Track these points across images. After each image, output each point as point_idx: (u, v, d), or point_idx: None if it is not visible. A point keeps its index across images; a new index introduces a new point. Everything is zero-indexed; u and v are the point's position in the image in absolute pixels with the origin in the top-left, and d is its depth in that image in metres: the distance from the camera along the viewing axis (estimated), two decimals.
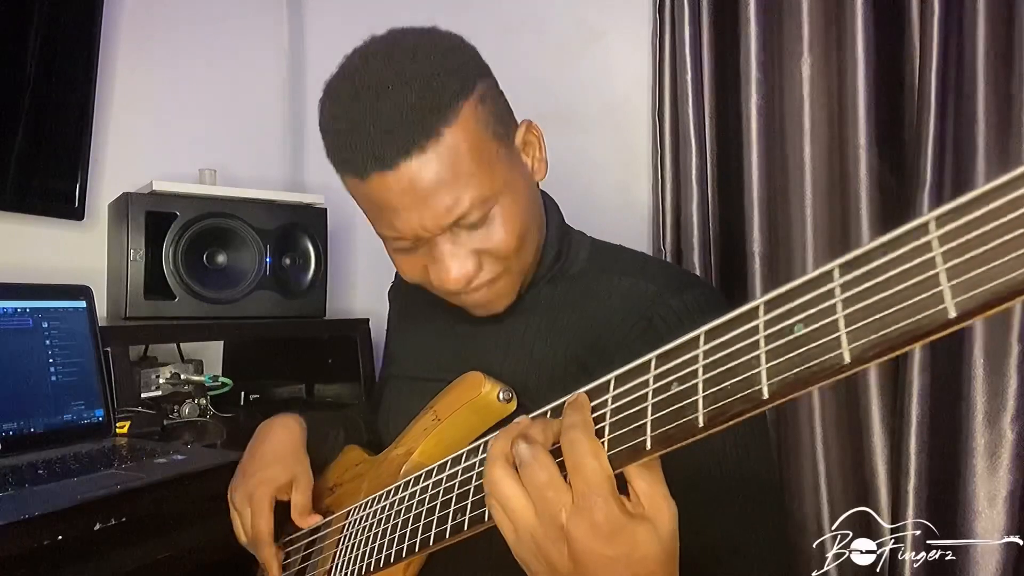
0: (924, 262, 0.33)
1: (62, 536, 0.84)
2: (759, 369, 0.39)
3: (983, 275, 0.31)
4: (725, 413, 0.40)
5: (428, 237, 0.69)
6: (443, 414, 0.70)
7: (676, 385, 0.43)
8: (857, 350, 0.35)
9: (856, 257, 0.36)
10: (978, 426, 1.29)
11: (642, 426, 0.44)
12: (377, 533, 0.66)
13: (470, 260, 0.70)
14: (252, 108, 2.02)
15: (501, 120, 0.72)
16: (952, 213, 0.32)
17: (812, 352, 0.36)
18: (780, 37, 1.48)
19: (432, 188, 0.66)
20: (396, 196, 0.66)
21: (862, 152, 1.38)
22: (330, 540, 0.76)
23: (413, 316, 0.92)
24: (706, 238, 1.55)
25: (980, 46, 1.27)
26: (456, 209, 0.67)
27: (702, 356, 0.42)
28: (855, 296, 0.35)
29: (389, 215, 0.68)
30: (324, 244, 1.66)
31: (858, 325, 0.35)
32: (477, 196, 0.67)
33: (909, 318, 0.33)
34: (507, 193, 0.70)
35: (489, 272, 0.72)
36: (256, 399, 1.65)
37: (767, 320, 0.39)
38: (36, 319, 1.19)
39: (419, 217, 0.67)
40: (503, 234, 0.70)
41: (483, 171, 0.67)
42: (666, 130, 1.59)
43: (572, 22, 1.72)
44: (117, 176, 1.66)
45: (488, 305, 0.75)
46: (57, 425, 1.18)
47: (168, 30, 1.82)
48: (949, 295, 0.32)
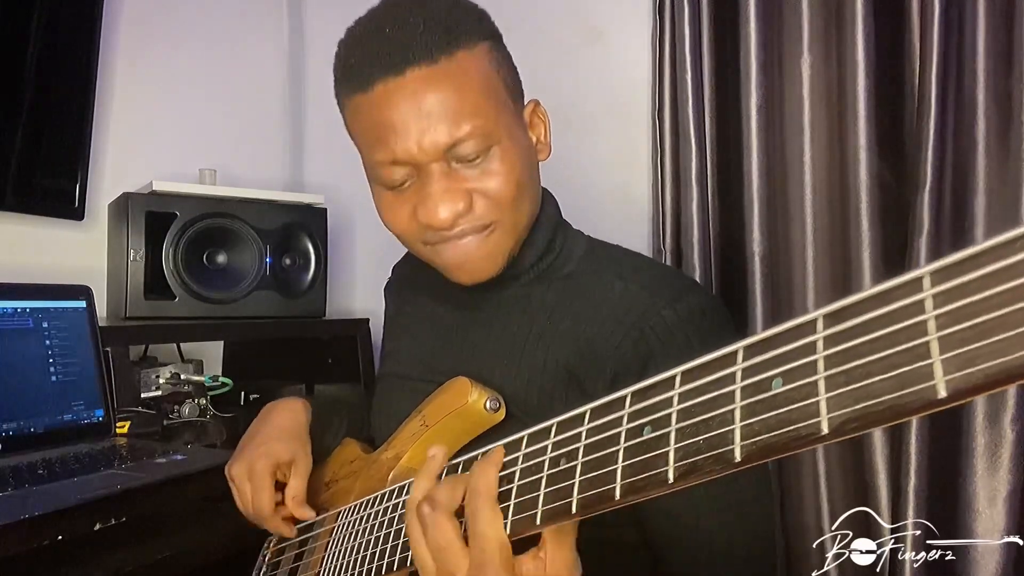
0: (915, 325, 0.29)
1: (62, 536, 0.84)
2: (733, 427, 0.35)
3: (981, 351, 0.27)
4: (696, 471, 0.37)
5: (422, 164, 0.67)
6: (431, 420, 0.69)
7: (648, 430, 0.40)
8: (836, 420, 0.31)
9: (843, 308, 0.32)
10: (978, 426, 1.29)
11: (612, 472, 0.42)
12: (361, 544, 0.66)
13: (461, 197, 0.68)
14: (252, 108, 2.02)
15: (513, 82, 0.73)
16: (950, 269, 0.29)
17: (789, 415, 0.33)
18: (780, 37, 1.48)
19: (436, 105, 0.65)
20: (398, 108, 0.65)
21: (862, 152, 1.38)
22: (320, 542, 0.76)
23: (407, 315, 0.91)
24: (706, 238, 1.55)
25: (980, 46, 1.27)
26: (456, 132, 0.65)
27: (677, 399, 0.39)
28: (839, 355, 0.32)
29: (388, 135, 0.66)
30: (324, 244, 1.66)
31: (840, 391, 0.31)
32: (480, 126, 0.66)
33: (894, 391, 0.29)
34: (508, 139, 0.69)
35: (480, 217, 0.69)
36: (256, 399, 1.65)
37: (745, 368, 0.36)
38: (36, 319, 1.19)
39: (417, 134, 0.65)
40: (500, 176, 0.68)
41: (489, 106, 0.67)
42: (666, 130, 1.59)
43: (572, 22, 1.72)
44: (117, 176, 1.66)
45: (471, 262, 0.72)
46: (57, 425, 1.18)
47: (168, 30, 1.82)
48: (940, 370, 0.28)
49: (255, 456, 0.79)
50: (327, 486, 0.84)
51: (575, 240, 0.80)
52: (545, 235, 0.77)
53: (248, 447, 0.82)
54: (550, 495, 0.45)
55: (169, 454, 1.09)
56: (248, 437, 0.85)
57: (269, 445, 0.80)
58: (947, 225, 1.31)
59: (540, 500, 0.46)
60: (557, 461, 0.46)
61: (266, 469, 0.78)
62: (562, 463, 0.45)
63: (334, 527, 0.74)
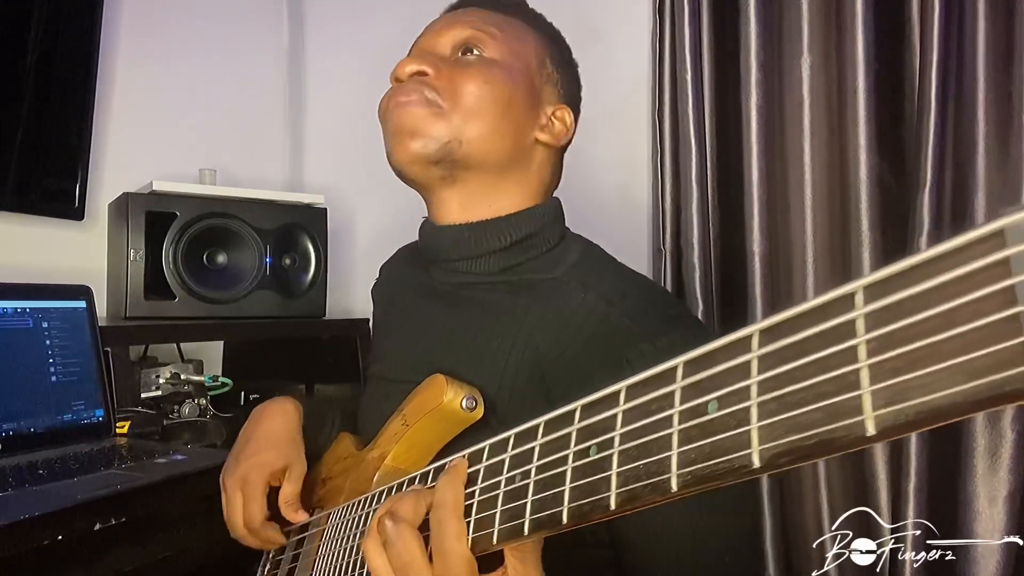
0: (846, 350, 0.26)
1: (62, 536, 0.84)
2: (670, 453, 0.33)
3: (912, 384, 0.24)
4: (636, 499, 0.35)
5: (429, 51, 0.76)
6: (411, 419, 0.68)
7: (594, 451, 0.38)
8: (767, 453, 0.28)
9: (777, 324, 0.29)
10: (978, 426, 1.29)
11: (559, 494, 0.40)
12: (345, 549, 0.66)
13: (430, 63, 0.74)
14: (252, 108, 2.02)
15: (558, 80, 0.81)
16: (885, 283, 0.25)
17: (722, 444, 0.30)
18: (780, 37, 1.48)
19: (473, 18, 0.76)
20: (443, 17, 0.78)
21: (862, 152, 1.38)
22: (314, 543, 0.76)
23: (393, 315, 0.90)
24: (706, 238, 1.55)
25: (980, 46, 1.27)
26: (471, 33, 0.75)
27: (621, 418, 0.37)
28: (772, 379, 0.29)
29: (420, 38, 0.78)
30: (324, 244, 1.66)
31: (771, 420, 0.29)
32: (495, 43, 0.75)
33: (823, 425, 0.27)
34: (507, 76, 0.75)
35: (432, 86, 0.73)
36: (256, 399, 1.65)
37: (684, 387, 0.33)
38: (36, 319, 1.19)
39: (443, 29, 0.76)
40: (476, 79, 0.73)
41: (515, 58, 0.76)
42: (666, 130, 1.59)
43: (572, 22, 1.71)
44: (117, 176, 1.66)
45: (404, 126, 0.74)
46: (57, 425, 1.18)
47: (168, 30, 1.82)
48: (869, 404, 0.25)
49: (249, 466, 0.78)
50: (323, 483, 0.84)
51: (570, 244, 0.78)
52: (531, 223, 0.76)
53: (242, 455, 0.81)
54: (506, 513, 0.43)
55: (169, 454, 1.08)
56: (241, 443, 0.83)
57: (261, 455, 0.79)
58: (947, 225, 1.31)
59: (497, 518, 0.44)
60: (513, 478, 0.44)
61: (259, 481, 0.77)
62: (518, 480, 0.43)
63: (324, 530, 0.74)
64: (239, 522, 0.79)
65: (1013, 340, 0.22)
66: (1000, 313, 0.22)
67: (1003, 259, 0.22)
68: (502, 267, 0.76)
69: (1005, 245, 0.22)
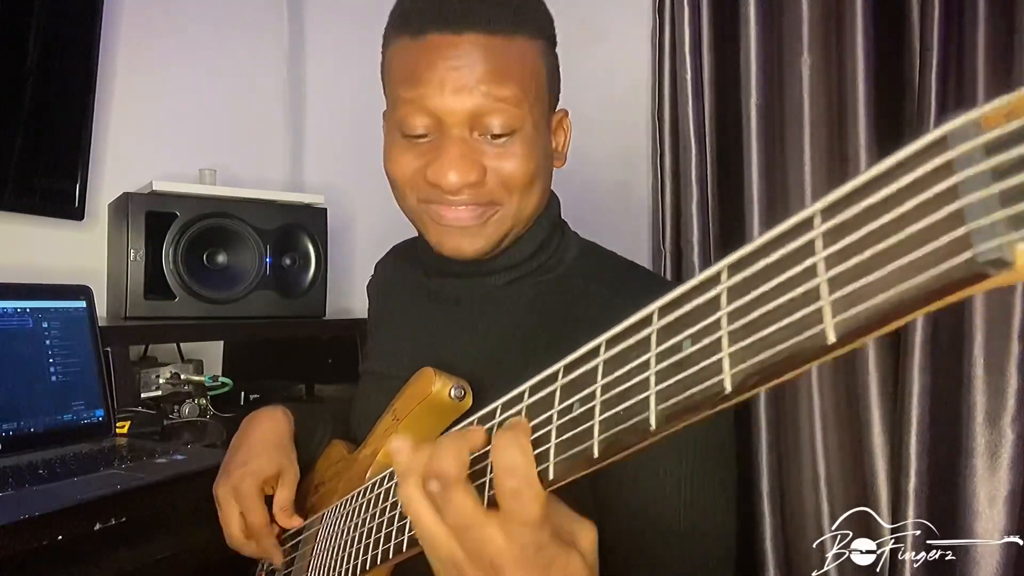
0: (807, 268, 0.28)
1: (62, 536, 0.84)
2: (648, 393, 0.34)
3: (866, 289, 0.26)
4: (617, 443, 0.36)
5: (447, 124, 0.67)
6: (401, 413, 0.68)
7: (577, 406, 0.39)
8: (738, 377, 0.30)
9: (743, 257, 0.31)
10: (978, 426, 1.29)
11: (546, 451, 0.40)
12: (344, 542, 0.66)
13: (475, 168, 0.68)
14: (252, 108, 2.02)
15: (554, 87, 0.75)
16: (838, 204, 0.27)
17: (695, 376, 0.32)
18: (780, 37, 1.48)
19: (481, 69, 0.66)
20: (443, 59, 0.66)
21: (862, 152, 1.38)
22: (308, 545, 0.76)
23: (389, 312, 0.90)
24: (706, 238, 1.55)
25: (980, 46, 1.27)
26: (490, 102, 0.66)
27: (601, 369, 0.38)
28: (740, 308, 0.30)
29: (424, 77, 0.67)
30: (324, 244, 1.66)
31: (740, 345, 0.30)
32: (514, 104, 0.67)
33: (787, 340, 0.28)
34: (534, 131, 0.70)
35: (487, 194, 0.69)
36: (256, 399, 1.65)
37: (659, 330, 0.34)
38: (36, 319, 1.19)
39: (453, 90, 0.66)
40: (518, 160, 0.69)
41: (528, 94, 0.69)
42: (666, 130, 1.59)
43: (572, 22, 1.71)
44: (117, 176, 1.66)
45: (461, 234, 0.71)
46: (57, 425, 1.17)
47: (168, 30, 1.82)
48: (829, 313, 0.27)
49: (240, 475, 0.77)
50: (316, 489, 0.83)
51: (569, 242, 0.79)
52: (541, 233, 0.77)
53: (232, 464, 0.80)
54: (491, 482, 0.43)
55: (169, 454, 1.08)
56: (231, 452, 0.83)
57: (252, 464, 0.78)
58: None
59: (486, 486, 0.44)
60: None
61: (252, 489, 0.77)
62: None
63: (318, 530, 0.74)
64: (235, 532, 0.78)
65: (957, 231, 0.23)
66: (944, 209, 0.24)
67: (946, 162, 0.24)
68: (509, 280, 0.77)
69: (948, 148, 0.24)
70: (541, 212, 0.77)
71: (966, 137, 0.23)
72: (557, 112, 0.77)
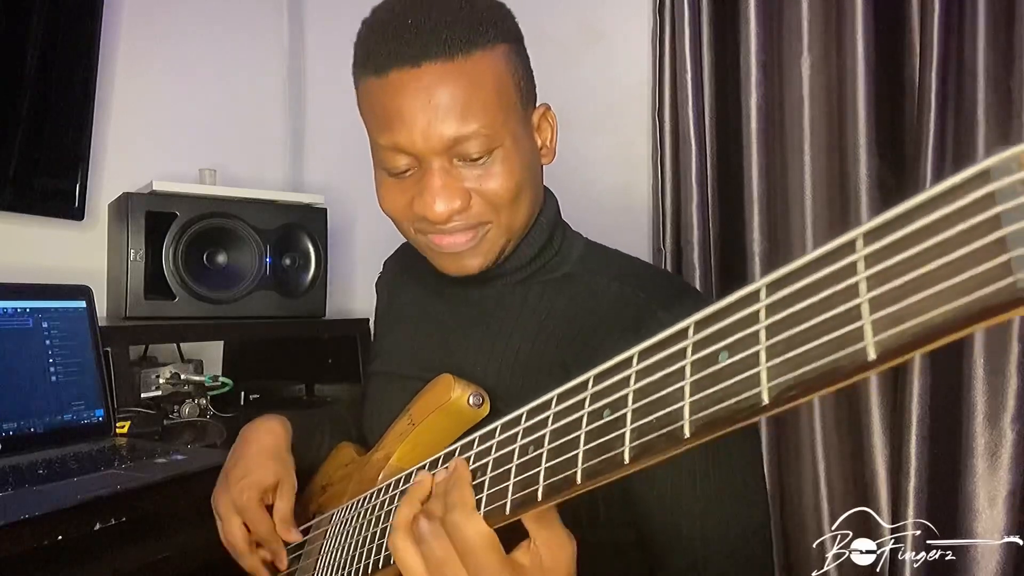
0: (848, 288, 0.29)
1: (62, 536, 0.84)
2: (683, 403, 0.35)
3: (908, 310, 0.27)
4: (650, 450, 0.37)
5: (424, 156, 0.68)
6: (417, 418, 0.69)
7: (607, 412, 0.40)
8: (776, 389, 0.31)
9: (785, 275, 0.32)
10: (978, 426, 1.29)
11: (574, 457, 0.42)
12: (355, 541, 0.66)
13: (458, 195, 0.69)
14: (252, 108, 2.02)
15: (527, 85, 0.74)
16: (882, 228, 0.28)
17: (732, 388, 0.33)
18: (780, 37, 1.48)
19: (446, 101, 0.66)
20: (409, 98, 0.66)
21: (862, 152, 1.38)
22: (315, 544, 0.76)
23: (398, 310, 0.90)
24: (706, 238, 1.55)
25: (980, 46, 1.27)
26: (462, 129, 0.66)
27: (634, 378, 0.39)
28: (779, 323, 0.31)
29: (395, 121, 0.67)
30: (324, 244, 1.66)
31: (779, 359, 0.31)
32: (486, 127, 0.67)
33: (827, 356, 0.29)
34: (513, 143, 0.70)
35: (475, 216, 0.70)
36: (256, 399, 1.65)
37: (695, 342, 0.36)
38: (36, 319, 1.19)
39: (423, 126, 0.66)
40: (500, 178, 0.69)
41: (498, 108, 0.68)
42: (666, 130, 1.59)
43: (572, 22, 1.72)
44: (117, 176, 1.66)
45: (461, 257, 0.72)
46: (57, 425, 1.18)
47: (168, 30, 1.82)
48: (870, 332, 0.28)
49: (240, 488, 0.78)
50: (323, 490, 0.83)
51: (573, 241, 0.80)
52: (543, 234, 0.77)
53: (231, 477, 0.80)
54: (518, 484, 0.46)
55: (169, 454, 1.08)
56: (230, 464, 0.83)
57: (251, 475, 0.78)
58: None
59: (510, 490, 0.46)
60: (526, 449, 0.46)
61: (253, 500, 0.77)
62: (530, 451, 0.45)
63: (327, 529, 0.74)
64: (240, 543, 0.78)
65: (998, 258, 0.25)
66: (986, 238, 0.25)
67: (989, 193, 0.25)
68: (517, 281, 0.77)
69: (991, 180, 0.25)
70: (538, 214, 0.77)
71: (1008, 172, 0.25)
72: (537, 108, 0.76)
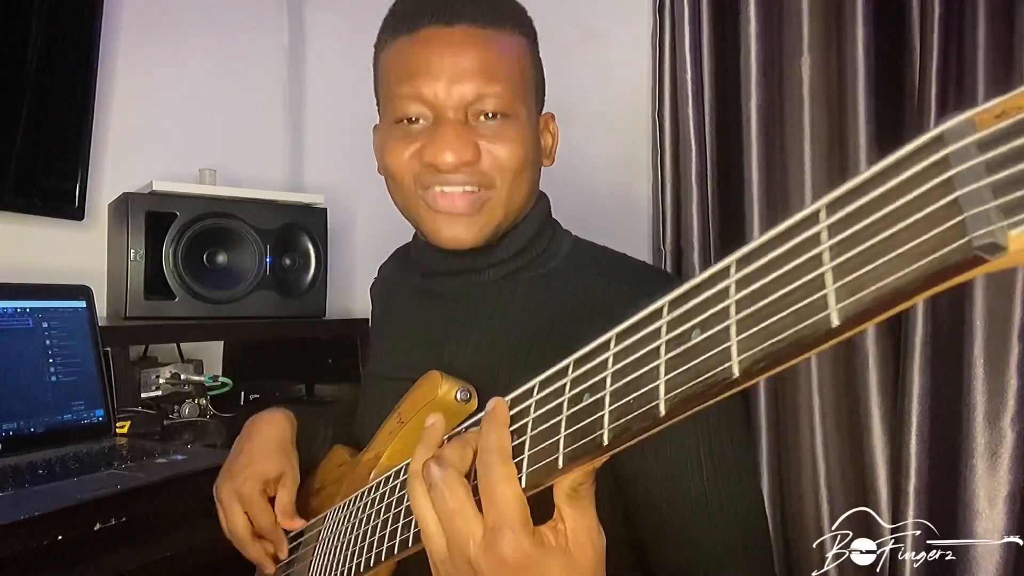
0: (812, 258, 0.29)
1: (62, 536, 0.84)
2: (658, 382, 0.35)
3: (869, 275, 0.27)
4: (628, 431, 0.37)
5: (442, 110, 0.70)
6: (406, 416, 0.69)
7: (587, 396, 0.40)
8: (746, 363, 0.31)
9: (752, 250, 0.32)
10: (978, 426, 1.29)
11: (555, 442, 0.42)
12: (346, 541, 0.66)
13: (470, 148, 0.70)
14: (252, 108, 2.02)
15: (540, 85, 0.78)
16: (843, 198, 0.29)
17: (704, 364, 0.33)
18: (780, 37, 1.47)
19: (474, 62, 0.69)
20: (438, 52, 0.69)
21: (862, 152, 1.38)
22: (309, 546, 0.76)
23: (391, 313, 0.91)
24: (706, 238, 1.55)
25: (980, 46, 1.27)
26: (485, 89, 0.69)
27: (611, 361, 0.39)
28: (748, 297, 0.32)
29: (421, 71, 0.70)
30: (324, 244, 1.66)
31: (748, 333, 0.31)
32: (506, 91, 0.70)
33: (793, 326, 0.30)
34: (526, 120, 0.73)
35: (482, 174, 0.71)
36: (256, 399, 1.65)
37: (669, 321, 0.36)
38: (36, 319, 1.19)
39: (448, 80, 0.69)
40: (511, 144, 0.71)
41: (518, 84, 0.72)
42: (666, 130, 1.59)
43: (572, 22, 1.72)
44: (117, 176, 1.67)
45: (458, 222, 0.72)
46: (57, 425, 1.18)
47: (168, 30, 1.82)
48: (833, 299, 0.28)
49: (243, 478, 0.78)
50: (317, 493, 0.84)
51: (561, 238, 0.81)
52: (531, 228, 0.78)
53: (235, 467, 0.81)
54: None
55: (169, 454, 1.09)
56: (233, 455, 0.83)
57: (255, 466, 0.79)
58: None
59: None
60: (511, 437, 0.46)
61: (255, 490, 0.77)
62: (514, 439, 0.45)
63: (320, 531, 0.75)
64: (241, 532, 0.78)
65: (953, 219, 0.25)
66: (941, 200, 0.25)
67: (943, 157, 0.26)
68: (503, 274, 0.78)
69: (945, 145, 0.26)
70: (531, 209, 0.78)
71: (961, 135, 0.25)
72: (544, 115, 0.80)
